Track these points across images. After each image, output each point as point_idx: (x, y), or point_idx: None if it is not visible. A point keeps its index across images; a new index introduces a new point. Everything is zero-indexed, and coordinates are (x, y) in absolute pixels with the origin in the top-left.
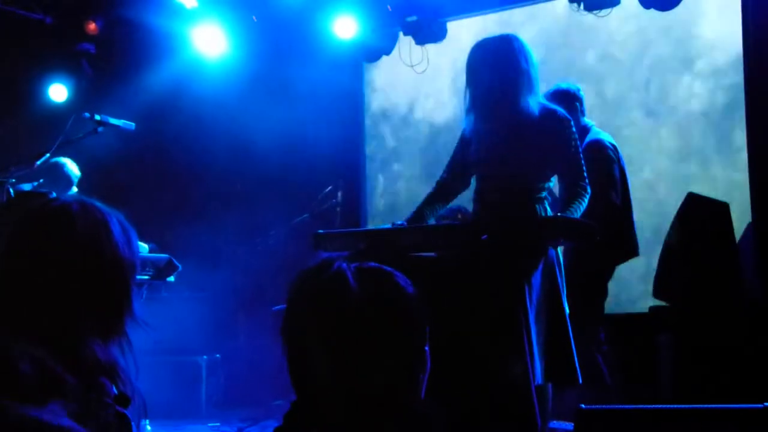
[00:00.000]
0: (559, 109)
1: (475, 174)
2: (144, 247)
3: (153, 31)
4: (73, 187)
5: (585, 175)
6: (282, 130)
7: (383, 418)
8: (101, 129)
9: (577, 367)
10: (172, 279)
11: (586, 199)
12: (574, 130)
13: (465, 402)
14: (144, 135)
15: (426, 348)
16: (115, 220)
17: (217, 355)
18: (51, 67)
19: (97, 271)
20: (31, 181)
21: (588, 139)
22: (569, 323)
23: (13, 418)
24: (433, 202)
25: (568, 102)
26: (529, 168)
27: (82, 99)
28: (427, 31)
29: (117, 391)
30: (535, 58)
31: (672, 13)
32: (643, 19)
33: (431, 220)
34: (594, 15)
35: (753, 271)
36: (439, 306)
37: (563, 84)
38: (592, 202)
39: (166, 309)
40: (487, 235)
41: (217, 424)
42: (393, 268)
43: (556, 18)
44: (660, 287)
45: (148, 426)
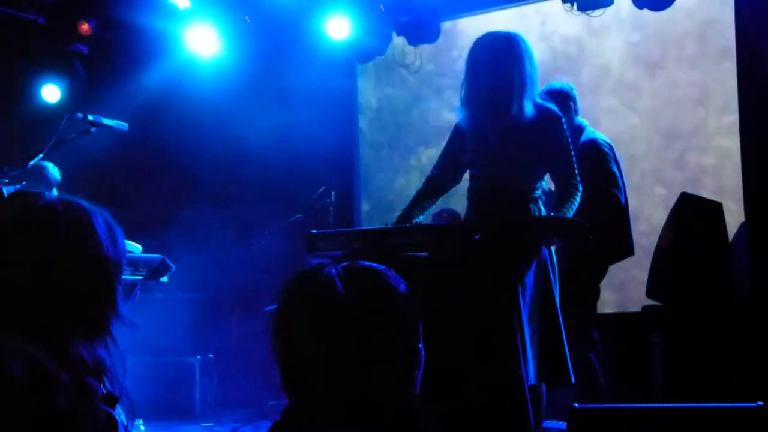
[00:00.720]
0: (551, 106)
1: (469, 173)
2: (137, 247)
3: (146, 31)
4: (53, 190)
5: (577, 172)
6: (275, 131)
7: (379, 416)
8: (94, 129)
9: (570, 367)
10: (165, 279)
11: (579, 197)
12: (565, 128)
13: (459, 402)
14: (137, 135)
15: (420, 346)
16: (101, 219)
17: (211, 355)
18: (44, 68)
19: (81, 271)
20: (14, 184)
21: (583, 138)
22: (562, 323)
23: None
24: (422, 199)
25: (561, 101)
26: (522, 168)
27: (75, 99)
28: (420, 31)
29: (104, 391)
30: (536, 60)
31: None
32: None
33: (421, 219)
34: (587, 15)
35: (745, 270)
36: (432, 306)
37: (556, 83)
38: (594, 200)
39: (160, 309)
40: (480, 235)
41: (210, 424)
42: (385, 267)
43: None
44: (653, 287)
45: (142, 426)
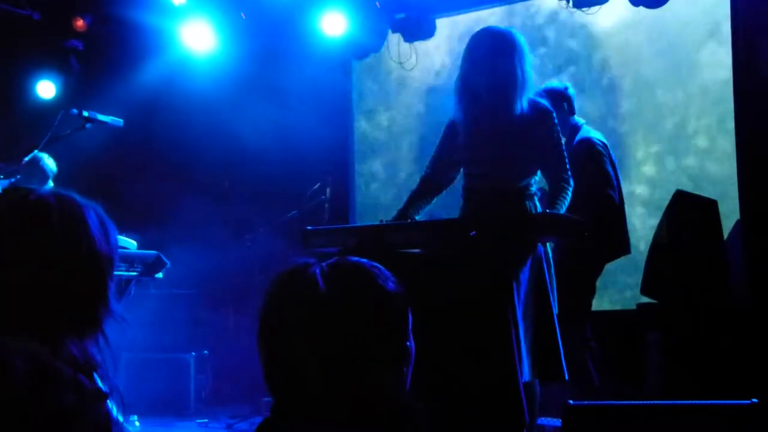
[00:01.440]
0: (541, 100)
1: (463, 170)
2: (132, 243)
3: (141, 27)
4: (49, 181)
5: (568, 167)
6: (271, 127)
7: (368, 413)
8: (89, 125)
9: (564, 364)
10: (160, 275)
11: (570, 192)
12: (556, 122)
13: (453, 398)
14: (132, 132)
15: (408, 343)
16: (93, 213)
17: (205, 351)
18: (39, 64)
19: (73, 266)
20: (9, 177)
21: (578, 137)
22: (556, 319)
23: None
24: (417, 199)
25: (557, 101)
26: (516, 164)
27: (70, 96)
28: (415, 28)
29: (94, 387)
30: (531, 58)
31: None
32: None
33: (417, 219)
34: (583, 12)
35: (741, 268)
36: (426, 303)
37: (553, 83)
38: (589, 200)
39: (155, 306)
40: (475, 232)
41: (205, 420)
42: (377, 263)
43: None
44: (648, 284)
45: (137, 423)
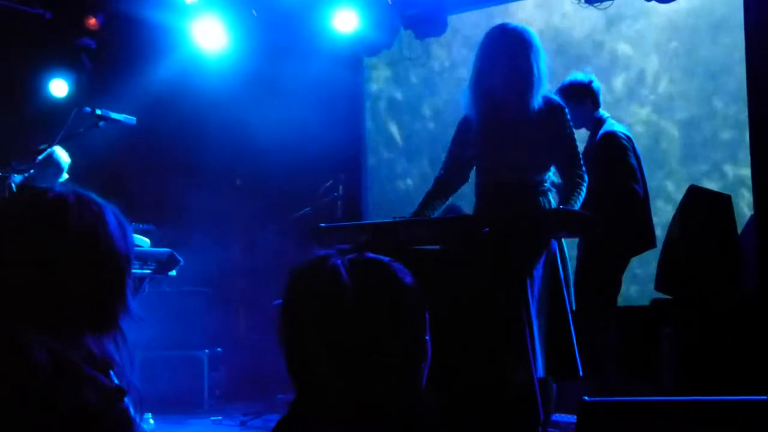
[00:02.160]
0: (554, 97)
1: (476, 167)
2: (145, 241)
3: (153, 25)
4: (63, 173)
5: (582, 163)
6: (282, 124)
7: (384, 409)
8: (102, 124)
9: (578, 360)
10: (173, 273)
11: (584, 188)
12: (568, 117)
13: (467, 396)
14: (144, 129)
15: (426, 338)
16: (111, 212)
17: (219, 349)
18: (51, 62)
19: (92, 264)
20: (22, 173)
21: (602, 131)
22: (571, 316)
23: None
24: (432, 200)
25: (582, 94)
26: (529, 159)
27: (83, 94)
28: (427, 24)
29: (113, 385)
30: (545, 55)
31: None
32: None
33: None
34: (595, 8)
35: (754, 263)
36: (439, 299)
37: (578, 76)
38: (613, 194)
39: (168, 303)
40: (488, 228)
41: (219, 417)
42: (390, 259)
43: None
44: (662, 280)
45: (151, 420)
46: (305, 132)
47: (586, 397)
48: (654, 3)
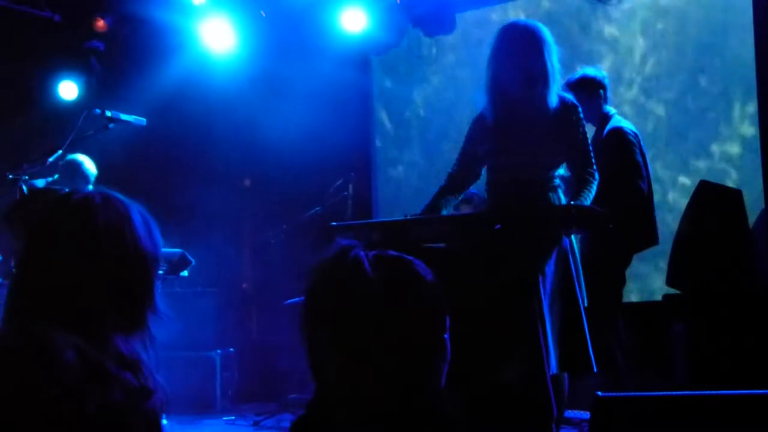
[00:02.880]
0: (567, 96)
1: (487, 164)
2: None
3: (161, 27)
4: (89, 185)
5: (593, 161)
6: (291, 124)
7: (404, 407)
8: (112, 125)
9: (592, 356)
10: (185, 274)
11: (596, 185)
12: (582, 116)
13: (481, 393)
14: (153, 131)
15: (446, 336)
16: (137, 212)
17: (231, 349)
18: (60, 65)
19: (119, 264)
20: (45, 177)
21: (609, 126)
22: (583, 312)
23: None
24: (445, 195)
25: (592, 89)
26: (540, 156)
27: (92, 96)
28: (436, 23)
29: (139, 385)
30: (557, 50)
31: None
32: None
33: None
34: (603, 3)
35: (766, 257)
36: (452, 296)
37: (589, 70)
38: (618, 191)
39: (180, 304)
40: (500, 225)
41: (232, 417)
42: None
43: None
44: (673, 275)
45: (164, 420)
46: (314, 132)
47: (600, 393)
48: None
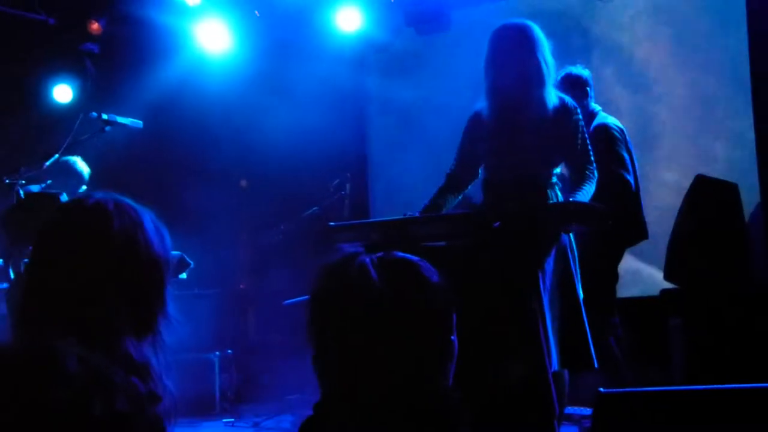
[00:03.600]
0: (566, 98)
1: (484, 164)
2: None
3: (156, 29)
4: (83, 185)
5: (592, 159)
6: (287, 125)
7: (411, 407)
8: (109, 128)
9: (593, 352)
10: (184, 276)
11: (594, 183)
12: (581, 117)
13: (482, 391)
14: (149, 133)
15: (453, 338)
16: (149, 218)
17: (229, 351)
18: (55, 68)
19: (133, 270)
20: (40, 183)
21: (595, 123)
22: (583, 308)
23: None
24: (444, 194)
25: (578, 87)
26: (538, 155)
27: (87, 99)
28: (431, 22)
29: (146, 390)
30: (550, 47)
31: None
32: None
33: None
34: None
35: (763, 250)
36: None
37: (574, 69)
38: (605, 182)
39: (178, 306)
40: (499, 223)
41: (231, 419)
42: (418, 258)
43: None
44: (670, 270)
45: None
46: (310, 132)
47: (602, 389)
48: None
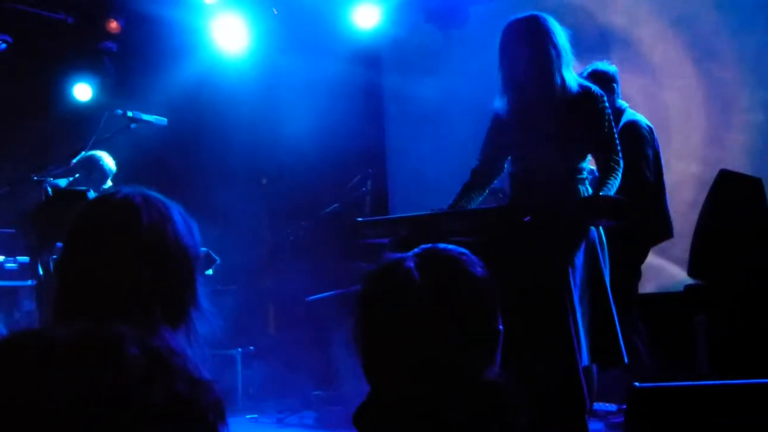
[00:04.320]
0: (592, 86)
1: (511, 156)
2: None
3: (174, 26)
4: (108, 181)
5: (619, 149)
6: (307, 122)
7: (463, 396)
8: (134, 126)
9: (623, 348)
10: (210, 272)
11: (620, 174)
12: (607, 105)
13: (515, 385)
14: (168, 130)
15: (499, 327)
16: (177, 211)
17: (251, 347)
18: (74, 67)
19: (164, 262)
20: (67, 177)
21: (624, 120)
22: (613, 303)
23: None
24: (469, 191)
25: (605, 83)
26: (567, 147)
27: (106, 97)
28: (449, 17)
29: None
30: (564, 33)
31: None
32: None
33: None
34: None
35: None
36: None
37: (600, 65)
38: (624, 179)
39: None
40: (530, 218)
41: (255, 415)
42: (462, 250)
43: None
44: (694, 266)
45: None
46: (329, 128)
47: (637, 383)
48: None
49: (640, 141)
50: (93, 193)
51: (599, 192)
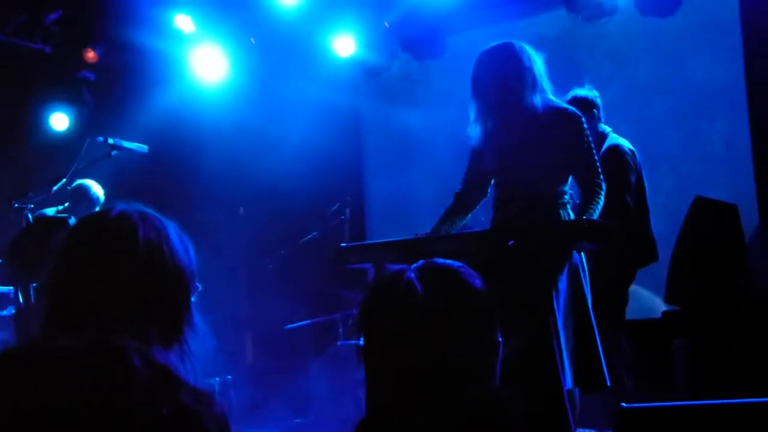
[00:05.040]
0: (569, 107)
1: (494, 181)
2: None
3: (152, 56)
4: (96, 208)
5: (600, 171)
6: (284, 150)
7: (465, 407)
8: (115, 153)
9: (605, 371)
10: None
11: (602, 198)
12: (586, 127)
13: None
14: (147, 159)
15: (498, 339)
16: (173, 228)
17: (229, 376)
18: (52, 96)
19: (159, 279)
20: (55, 206)
21: (606, 144)
22: (596, 327)
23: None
24: (451, 215)
25: (585, 109)
26: (547, 171)
27: (84, 127)
28: (426, 47)
29: (203, 389)
30: (538, 57)
31: None
32: None
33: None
34: (592, 23)
35: (763, 271)
36: None
37: (580, 91)
38: (606, 205)
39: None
40: (513, 241)
41: None
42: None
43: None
44: (671, 292)
45: None
46: (308, 157)
47: (624, 404)
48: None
49: (622, 166)
50: (74, 220)
51: (582, 216)
